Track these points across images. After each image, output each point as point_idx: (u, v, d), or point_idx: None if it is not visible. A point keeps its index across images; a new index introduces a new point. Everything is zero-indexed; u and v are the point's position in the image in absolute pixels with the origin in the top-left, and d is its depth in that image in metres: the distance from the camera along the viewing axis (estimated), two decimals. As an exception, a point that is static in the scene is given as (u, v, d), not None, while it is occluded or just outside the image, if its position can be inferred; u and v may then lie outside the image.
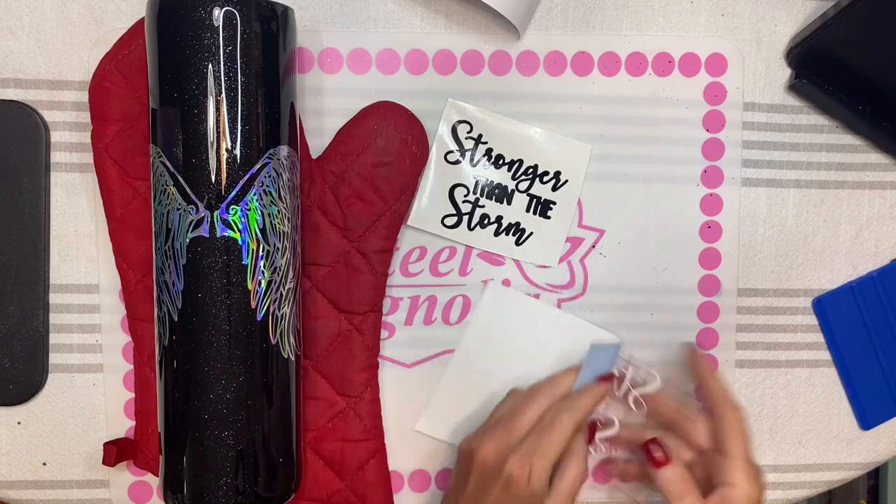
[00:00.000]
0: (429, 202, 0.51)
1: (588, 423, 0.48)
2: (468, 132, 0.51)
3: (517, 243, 0.52)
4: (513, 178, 0.51)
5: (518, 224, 0.52)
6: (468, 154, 0.51)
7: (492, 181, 0.51)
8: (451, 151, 0.51)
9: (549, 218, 0.52)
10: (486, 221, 0.51)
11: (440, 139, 0.51)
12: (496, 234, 0.52)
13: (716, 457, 0.46)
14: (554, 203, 0.52)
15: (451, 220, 0.51)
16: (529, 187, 0.51)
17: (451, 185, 0.51)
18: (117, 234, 0.48)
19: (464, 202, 0.51)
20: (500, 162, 0.51)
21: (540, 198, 0.51)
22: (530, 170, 0.51)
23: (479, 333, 0.52)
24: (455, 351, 0.52)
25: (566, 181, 0.51)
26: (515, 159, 0.51)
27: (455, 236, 0.51)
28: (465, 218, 0.51)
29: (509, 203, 0.51)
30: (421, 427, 0.52)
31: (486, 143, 0.51)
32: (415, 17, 0.50)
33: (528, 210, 0.52)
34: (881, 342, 0.54)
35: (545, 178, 0.51)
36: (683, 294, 0.53)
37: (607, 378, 0.49)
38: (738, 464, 0.45)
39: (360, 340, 0.49)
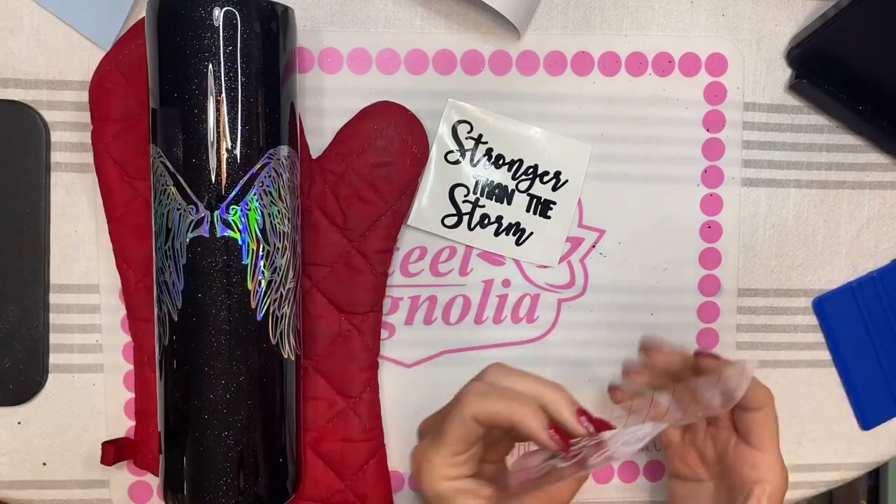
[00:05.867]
0: (429, 202, 0.51)
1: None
2: (468, 132, 0.51)
3: (517, 243, 0.52)
4: (513, 177, 0.51)
5: (518, 224, 0.52)
6: (468, 154, 0.51)
7: (492, 181, 0.51)
8: (451, 151, 0.51)
9: (549, 218, 0.52)
10: (486, 221, 0.51)
11: (440, 139, 0.51)
12: (496, 234, 0.52)
13: (742, 448, 0.44)
14: (554, 203, 0.52)
15: (452, 220, 0.51)
16: (529, 187, 0.51)
17: (451, 185, 0.51)
18: (117, 234, 0.48)
19: (464, 202, 0.51)
20: (501, 162, 0.51)
21: (540, 198, 0.51)
22: (530, 170, 0.51)
23: None
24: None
25: (566, 181, 0.51)
26: (515, 159, 0.51)
27: (455, 236, 0.51)
28: (466, 218, 0.51)
29: (509, 203, 0.51)
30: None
31: (486, 142, 0.51)
32: (415, 17, 0.50)
33: (528, 210, 0.52)
34: (881, 342, 0.54)
35: (545, 178, 0.51)
36: (683, 294, 0.53)
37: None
38: (773, 458, 0.44)
39: (360, 340, 0.49)
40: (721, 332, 0.54)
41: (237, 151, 0.41)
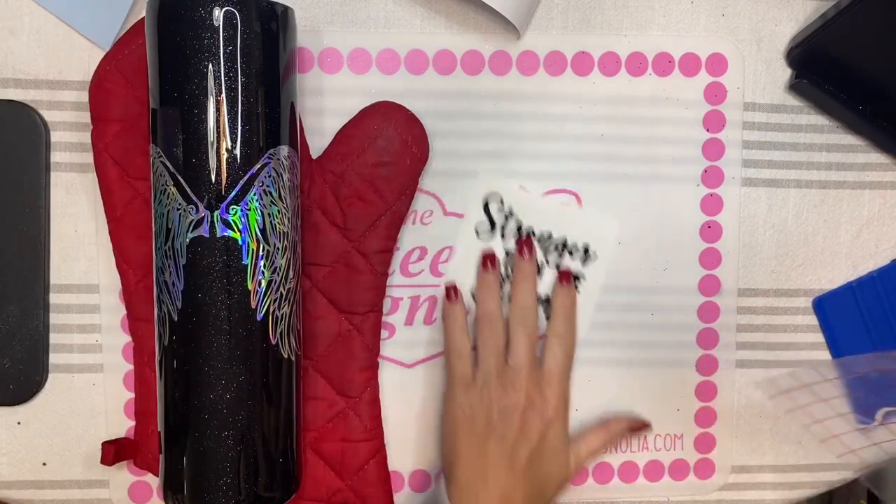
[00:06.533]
0: (462, 273, 0.51)
1: None
2: (499, 207, 0.51)
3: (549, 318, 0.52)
4: (541, 250, 0.52)
5: (548, 299, 0.52)
6: (498, 227, 0.51)
7: None
8: (483, 224, 0.51)
9: (578, 292, 0.52)
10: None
11: (473, 214, 0.51)
12: None
13: None
14: (583, 278, 0.52)
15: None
16: (558, 261, 0.52)
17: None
18: (117, 234, 0.48)
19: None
20: (530, 235, 0.52)
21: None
22: (561, 244, 0.52)
23: None
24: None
25: (594, 254, 0.52)
26: (545, 232, 0.51)
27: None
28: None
29: (539, 276, 0.52)
30: None
31: (515, 215, 0.51)
32: (415, 17, 0.50)
33: None
34: (881, 342, 0.54)
35: (574, 253, 0.52)
36: (683, 294, 0.53)
37: None
38: None
39: (360, 340, 0.49)
40: (721, 332, 0.54)
41: (237, 151, 0.41)
